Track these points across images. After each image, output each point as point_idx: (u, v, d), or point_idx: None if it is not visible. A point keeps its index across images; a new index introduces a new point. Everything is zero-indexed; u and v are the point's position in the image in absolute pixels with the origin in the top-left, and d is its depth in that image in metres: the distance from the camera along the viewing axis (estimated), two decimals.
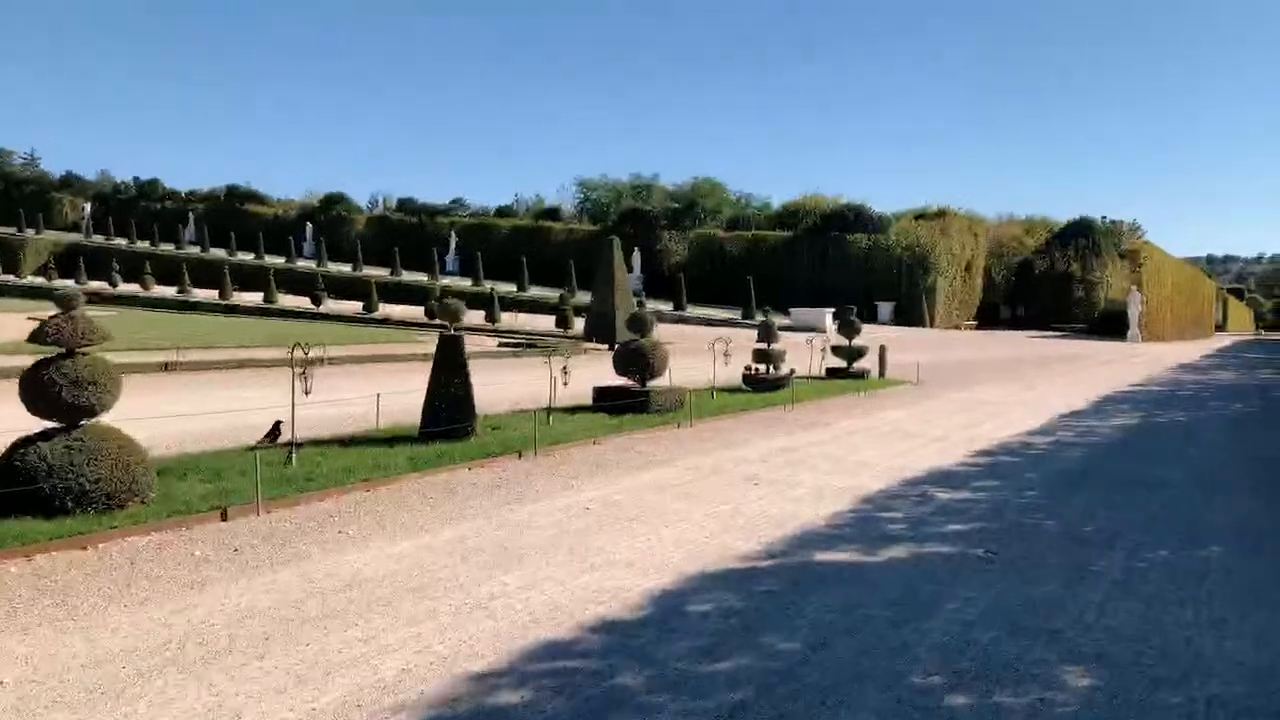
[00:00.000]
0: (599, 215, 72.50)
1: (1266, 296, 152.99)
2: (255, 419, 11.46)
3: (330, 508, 8.13)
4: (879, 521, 8.12)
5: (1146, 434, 14.19)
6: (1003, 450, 12.29)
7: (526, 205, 77.78)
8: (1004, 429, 14.38)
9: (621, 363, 14.37)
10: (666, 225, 66.72)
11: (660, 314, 52.35)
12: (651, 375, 14.33)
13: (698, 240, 65.12)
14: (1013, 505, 8.91)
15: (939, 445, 12.55)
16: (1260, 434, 15.03)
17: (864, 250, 60.18)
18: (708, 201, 70.37)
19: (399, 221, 74.39)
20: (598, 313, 30.34)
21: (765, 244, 63.07)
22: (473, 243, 66.78)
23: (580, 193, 78.13)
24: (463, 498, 8.60)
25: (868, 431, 13.71)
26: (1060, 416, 16.09)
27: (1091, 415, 16.39)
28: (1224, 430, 15.17)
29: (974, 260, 66.22)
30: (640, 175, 75.72)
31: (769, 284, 57.94)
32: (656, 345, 14.44)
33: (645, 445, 11.83)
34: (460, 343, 11.09)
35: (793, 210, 66.88)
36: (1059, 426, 14.80)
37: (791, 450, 11.82)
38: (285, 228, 73.65)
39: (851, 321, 21.30)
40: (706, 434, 13.02)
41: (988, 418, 15.73)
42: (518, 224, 71.01)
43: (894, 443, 12.69)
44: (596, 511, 8.18)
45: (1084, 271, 66.87)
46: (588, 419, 13.35)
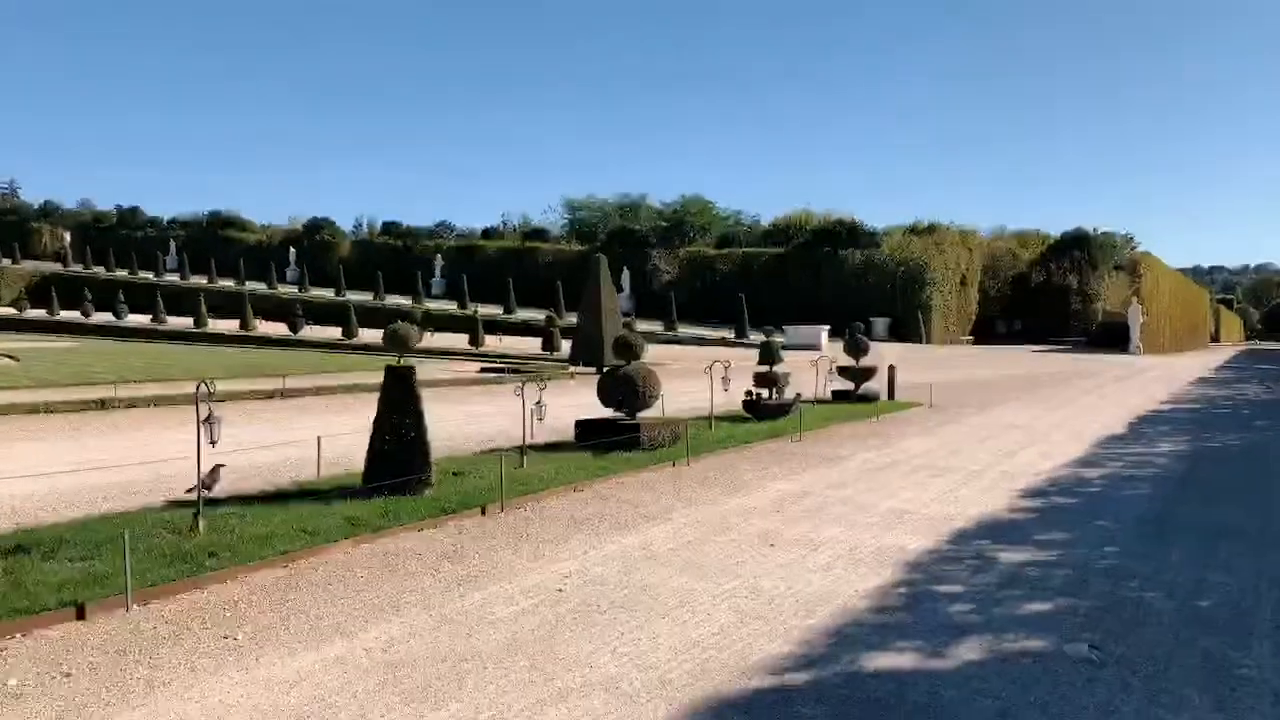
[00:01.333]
0: (587, 235, 70.85)
1: (1255, 306, 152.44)
2: (193, 465, 9.56)
3: (230, 595, 6.21)
4: (936, 600, 6.25)
5: (1209, 463, 12.38)
6: (1054, 488, 10.45)
7: (513, 226, 76.06)
8: (1044, 459, 12.56)
9: (607, 392, 12.50)
10: (656, 244, 65.06)
11: (651, 334, 50.56)
12: (642, 405, 12.46)
13: (688, 259, 63.48)
14: (1097, 569, 7.05)
15: (978, 483, 10.70)
16: None
17: (857, 266, 58.59)
18: (697, 219, 68.81)
19: (383, 245, 72.55)
20: (584, 335, 28.48)
21: (756, 261, 61.44)
22: (459, 265, 64.97)
23: (567, 213, 76.59)
24: (403, 576, 6.69)
25: (892, 467, 11.86)
26: (1100, 442, 14.27)
27: (1135, 440, 14.58)
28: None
29: (968, 274, 64.70)
30: (628, 194, 74.33)
31: (761, 302, 56.26)
32: (647, 372, 12.58)
33: (636, 492, 9.94)
34: (410, 377, 9.21)
35: (783, 226, 65.36)
36: (1105, 455, 12.98)
37: (808, 494, 9.95)
38: (269, 254, 71.74)
39: (858, 340, 19.50)
40: (707, 474, 11.14)
41: (1020, 445, 13.90)
42: (504, 245, 69.26)
43: (925, 481, 10.83)
44: (572, 594, 6.29)
45: (1081, 284, 65.37)
46: (568, 459, 11.46)
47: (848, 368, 19.37)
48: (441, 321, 48.22)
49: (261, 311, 49.75)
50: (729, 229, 68.63)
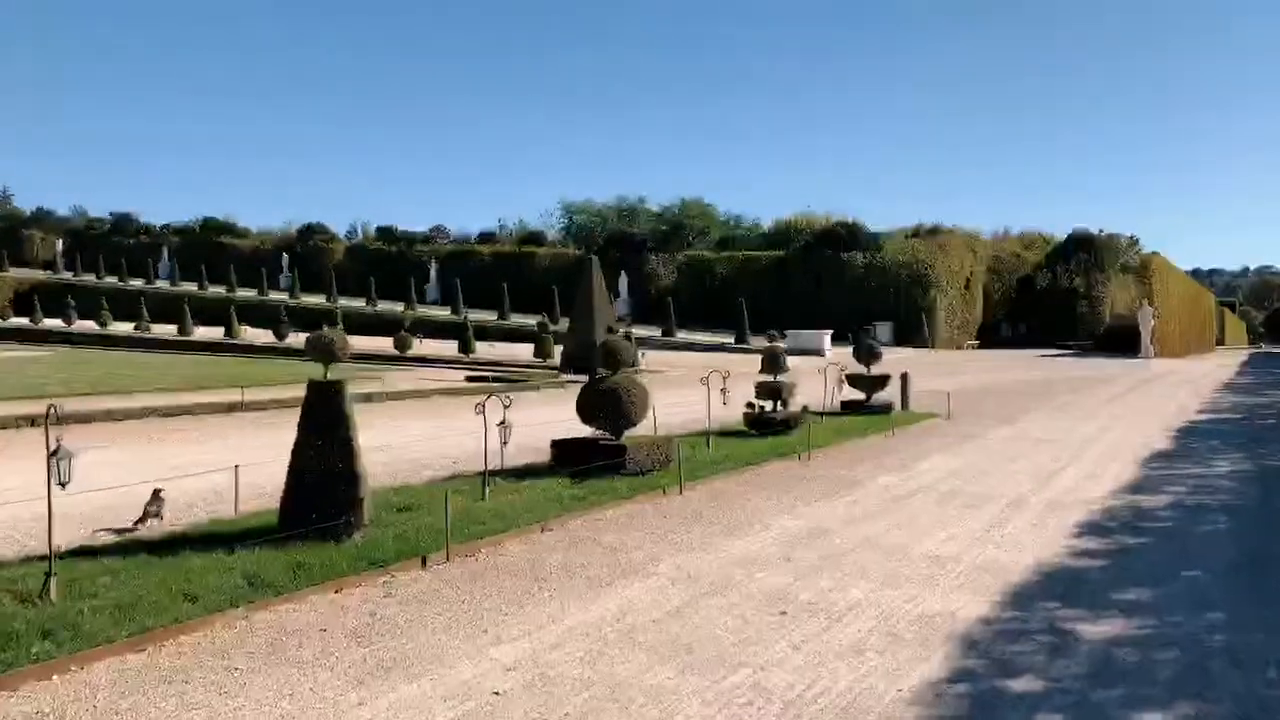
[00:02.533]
0: (584, 239, 69.15)
1: (1257, 309, 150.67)
2: (140, 492, 7.89)
3: (38, 707, 4.49)
4: (1011, 708, 4.51)
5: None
6: (1115, 523, 8.71)
7: (510, 231, 74.35)
8: (1090, 482, 10.83)
9: (588, 408, 10.76)
10: (654, 248, 63.37)
11: (649, 340, 48.85)
12: (628, 423, 10.72)
13: (686, 262, 61.77)
14: (1212, 648, 5.32)
15: (1022, 516, 8.97)
16: None
17: (860, 269, 56.89)
18: (696, 222, 67.13)
19: (378, 250, 70.83)
20: (576, 341, 26.78)
21: (756, 265, 59.73)
22: (454, 270, 63.25)
23: (565, 217, 74.87)
24: (290, 667, 4.96)
25: (917, 495, 10.12)
26: (1147, 461, 12.53)
27: (1185, 458, 12.84)
28: None
29: (973, 277, 63.01)
30: (626, 197, 72.52)
31: (762, 306, 54.52)
32: (633, 384, 10.83)
33: (616, 532, 8.20)
34: (338, 394, 7.46)
35: (784, 229, 63.66)
36: (1158, 478, 11.24)
37: (823, 533, 8.21)
38: (263, 260, 70.10)
39: (870, 346, 17.77)
40: (702, 506, 9.42)
41: (1058, 465, 12.17)
42: (500, 250, 67.53)
43: (959, 514, 9.10)
44: (511, 702, 4.55)
45: (1087, 286, 63.60)
46: (541, 488, 9.73)
47: (858, 376, 17.63)
48: (432, 327, 46.59)
49: (249, 318, 48.14)
50: (729, 232, 66.97)
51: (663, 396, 20.86)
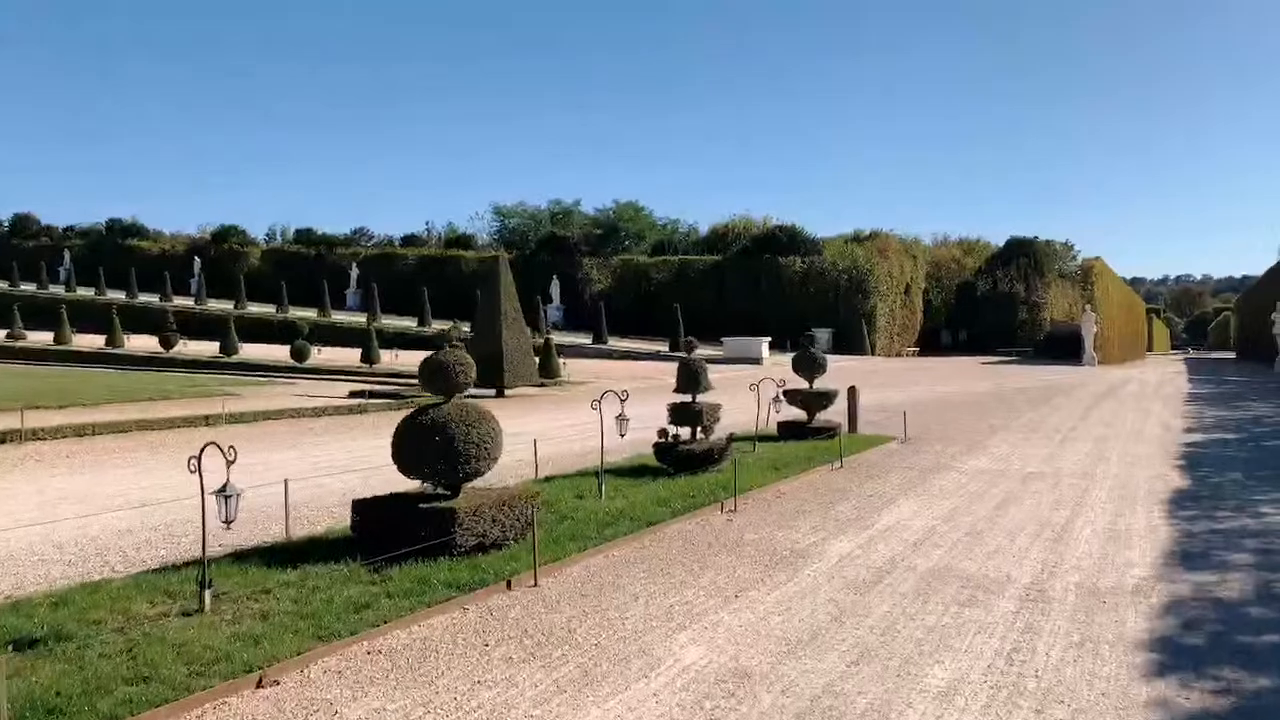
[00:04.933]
0: (516, 243, 65.30)
1: (1179, 315, 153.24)
2: None
3: None
4: None
5: None
6: (1198, 635, 5.48)
7: (437, 234, 70.10)
8: (1117, 546, 7.64)
9: (406, 451, 7.17)
10: (588, 252, 59.88)
11: (579, 348, 45.31)
12: (467, 471, 7.19)
13: (621, 267, 58.37)
14: None
15: (1054, 625, 5.69)
16: None
17: (799, 274, 54.16)
18: (631, 226, 63.76)
19: (295, 254, 65.95)
20: (479, 351, 23.04)
21: (693, 269, 56.61)
22: (376, 274, 58.95)
23: (496, 220, 70.79)
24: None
25: (889, 576, 6.78)
26: (1174, 506, 9.43)
27: (1216, 500, 9.77)
28: None
29: (912, 283, 60.83)
30: (560, 201, 68.69)
31: (699, 312, 51.43)
32: (477, 416, 7.28)
33: (396, 690, 4.68)
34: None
35: (721, 233, 60.63)
36: (1204, 536, 8.11)
37: (746, 680, 4.81)
38: (174, 264, 64.79)
39: (813, 357, 14.49)
40: (560, 613, 5.97)
41: (1062, 517, 8.99)
42: (425, 253, 63.27)
43: (958, 624, 5.77)
44: None
45: (1027, 292, 61.89)
46: (313, 581, 6.20)
47: (799, 392, 14.37)
48: (341, 335, 42.45)
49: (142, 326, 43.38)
50: (665, 236, 63.73)
51: (567, 417, 17.34)
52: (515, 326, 23.20)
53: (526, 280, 56.05)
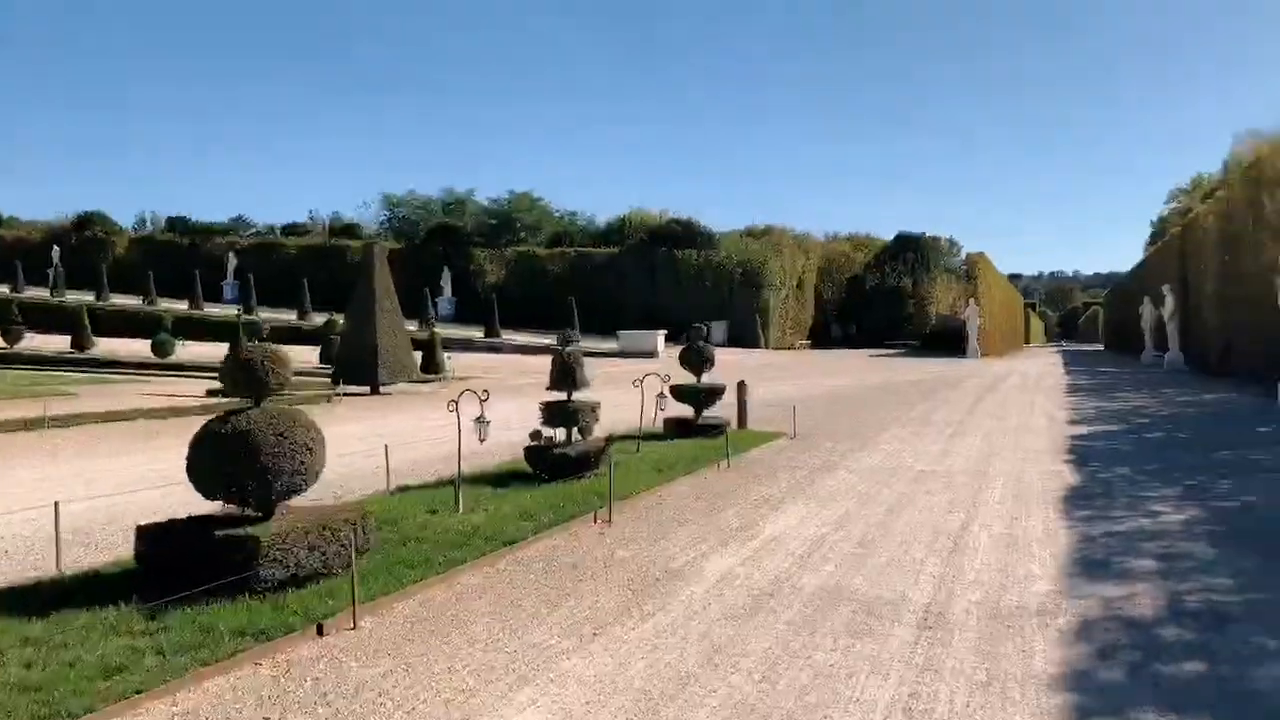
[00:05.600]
0: (407, 233, 62.82)
1: (1054, 310, 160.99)
2: None
3: None
4: None
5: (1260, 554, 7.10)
6: (1117, 668, 4.77)
7: (322, 223, 66.82)
8: (1015, 554, 7.01)
9: (204, 466, 5.91)
10: (482, 243, 58.08)
11: (470, 342, 43.68)
12: (286, 487, 5.97)
13: (516, 259, 56.82)
14: None
15: (956, 660, 4.91)
16: None
17: (695, 267, 53.84)
18: (527, 217, 62.13)
19: (168, 242, 61.71)
20: (352, 345, 21.46)
21: (590, 262, 55.60)
22: (256, 265, 55.69)
23: (386, 209, 67.99)
24: None
25: (775, 598, 5.92)
26: (1068, 506, 8.95)
27: (1109, 499, 9.34)
28: None
29: (805, 277, 61.38)
30: (453, 190, 66.36)
31: (596, 305, 50.51)
32: (293, 422, 6.07)
33: None
34: None
35: (618, 226, 59.77)
36: (1102, 542, 7.57)
37: None
38: (30, 253, 59.65)
39: (700, 350, 13.65)
40: (389, 658, 4.89)
41: (960, 517, 8.37)
42: (309, 243, 60.15)
43: (848, 658, 4.93)
44: None
45: (914, 287, 63.35)
46: (66, 634, 4.91)
47: (685, 387, 13.53)
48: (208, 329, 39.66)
49: None
50: (562, 228, 62.41)
51: (443, 416, 16.15)
52: (391, 320, 21.67)
53: (416, 272, 53.92)
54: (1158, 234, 62.70)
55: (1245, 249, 25.12)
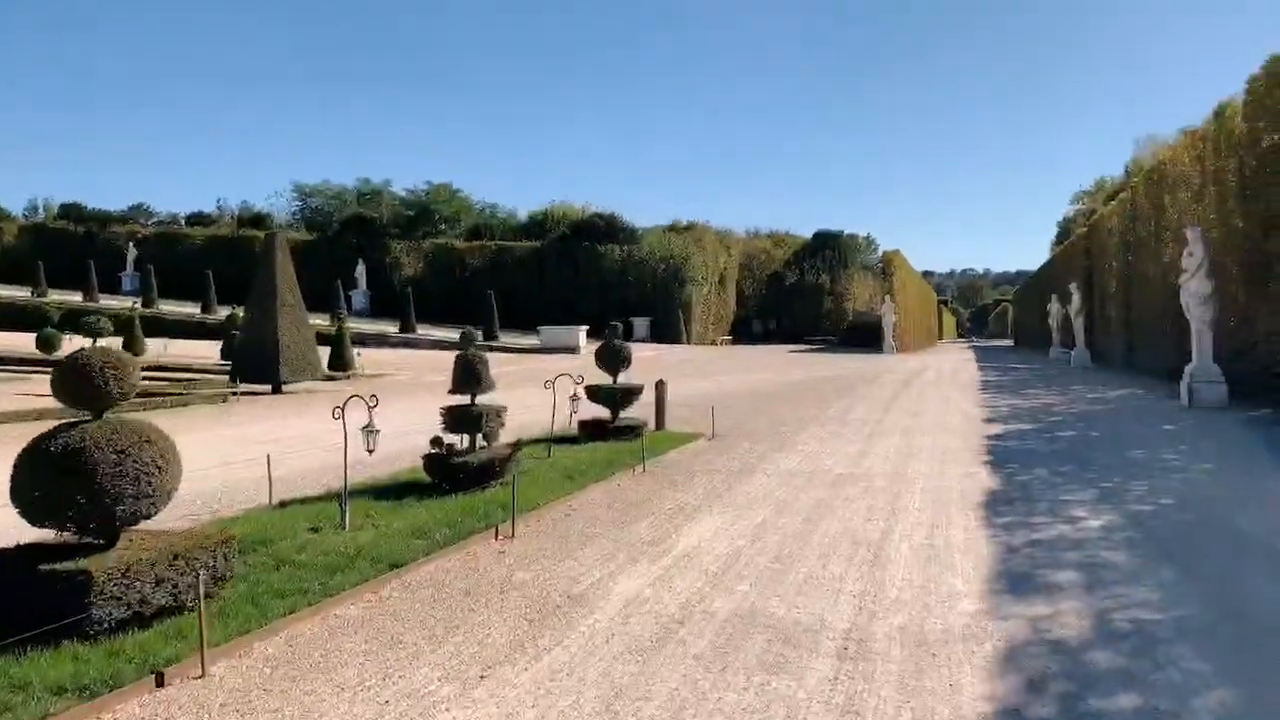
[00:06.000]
0: (320, 224, 60.63)
1: (965, 306, 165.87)
2: None
3: None
4: None
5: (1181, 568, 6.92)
6: (1044, 699, 4.38)
7: (230, 213, 64.01)
8: (938, 568, 6.67)
9: (34, 493, 5.07)
10: (398, 235, 56.41)
11: (384, 337, 42.26)
12: (130, 512, 5.19)
13: (434, 252, 55.37)
14: None
15: (877, 691, 4.46)
16: None
17: (618, 262, 53.34)
18: (446, 209, 60.63)
19: (62, 231, 58.27)
20: (252, 340, 20.25)
21: (511, 255, 54.56)
22: (158, 256, 52.98)
23: (298, 199, 65.53)
24: None
25: (685, 627, 5.40)
26: (989, 512, 8.70)
27: (1029, 503, 9.14)
28: None
29: (726, 274, 61.51)
30: (369, 180, 64.24)
31: (516, 299, 49.59)
32: (142, 439, 5.27)
33: None
34: None
35: (540, 219, 58.80)
36: (1025, 553, 7.29)
37: None
38: None
39: (616, 349, 13.10)
40: (235, 714, 4.15)
41: (880, 526, 8.02)
42: (215, 233, 57.54)
43: (763, 698, 4.44)
44: None
45: (833, 283, 64.11)
46: None
47: (600, 388, 12.97)
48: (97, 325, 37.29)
49: None
50: (482, 221, 61.10)
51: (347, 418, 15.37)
52: (294, 313, 20.52)
53: (329, 264, 52.07)
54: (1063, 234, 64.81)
55: (1147, 249, 25.84)
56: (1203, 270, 17.74)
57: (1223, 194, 19.39)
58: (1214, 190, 19.99)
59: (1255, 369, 17.49)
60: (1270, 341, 17.09)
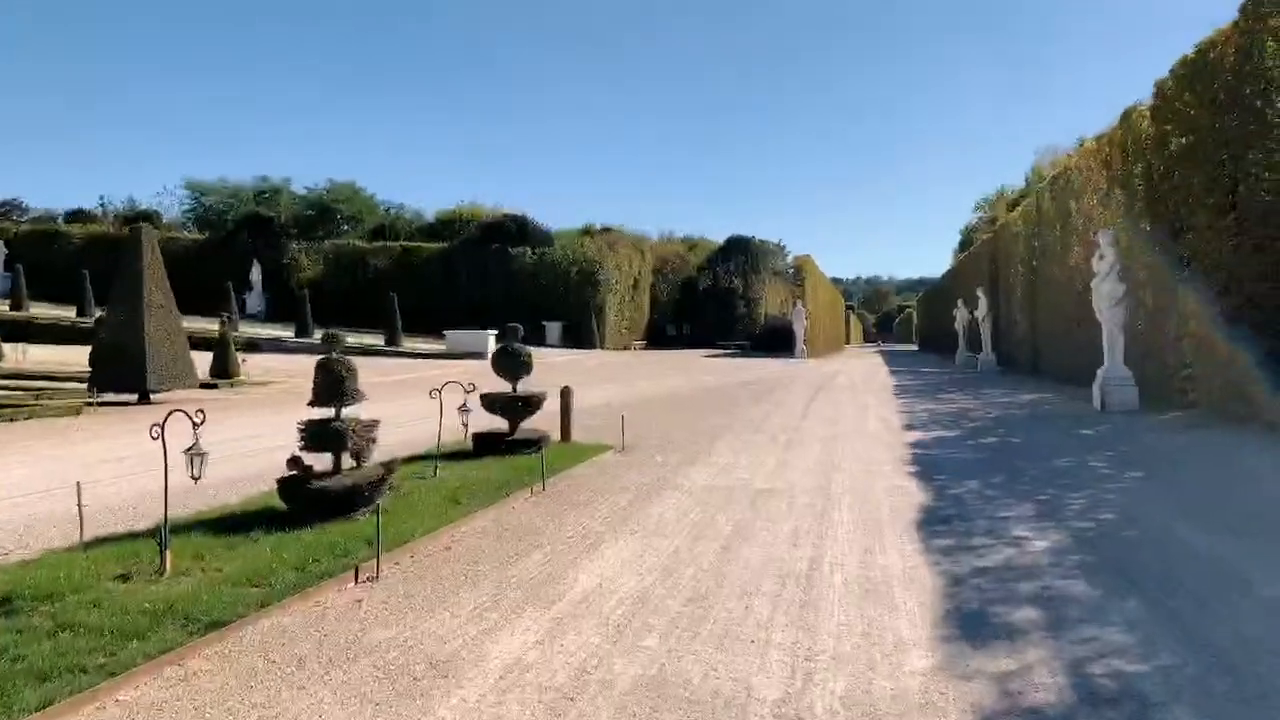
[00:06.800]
0: (213, 223, 57.19)
1: (870, 312, 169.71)
2: None
3: None
4: None
5: (1147, 603, 6.10)
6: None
7: (114, 210, 59.86)
8: (876, 607, 5.65)
9: None
10: (297, 235, 53.62)
11: (279, 341, 39.75)
12: None
13: (335, 253, 52.81)
14: None
15: None
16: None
17: (530, 265, 51.83)
18: (348, 208, 58.03)
19: None
20: (114, 345, 18.12)
21: (417, 257, 52.44)
22: (33, 255, 48.98)
23: (191, 196, 61.70)
24: None
25: (567, 693, 4.20)
26: (925, 533, 7.77)
27: (966, 521, 8.25)
28: None
29: (640, 278, 60.69)
30: (267, 178, 60.97)
31: (424, 303, 47.63)
32: None
33: None
34: None
35: (448, 220, 56.82)
36: (972, 583, 6.35)
37: None
38: None
39: (515, 353, 11.77)
40: None
41: (806, 553, 6.98)
42: (96, 231, 53.63)
43: None
44: None
45: (745, 288, 64.01)
46: None
47: (498, 396, 11.65)
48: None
49: None
50: (387, 221, 58.67)
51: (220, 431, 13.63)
52: (163, 315, 18.48)
53: (223, 265, 49.04)
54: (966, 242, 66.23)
55: (1053, 254, 25.91)
56: (1114, 273, 17.53)
57: (1130, 198, 19.30)
58: (1121, 194, 19.92)
59: (1164, 372, 17.34)
60: (1178, 345, 16.95)
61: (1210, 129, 15.25)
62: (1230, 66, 14.47)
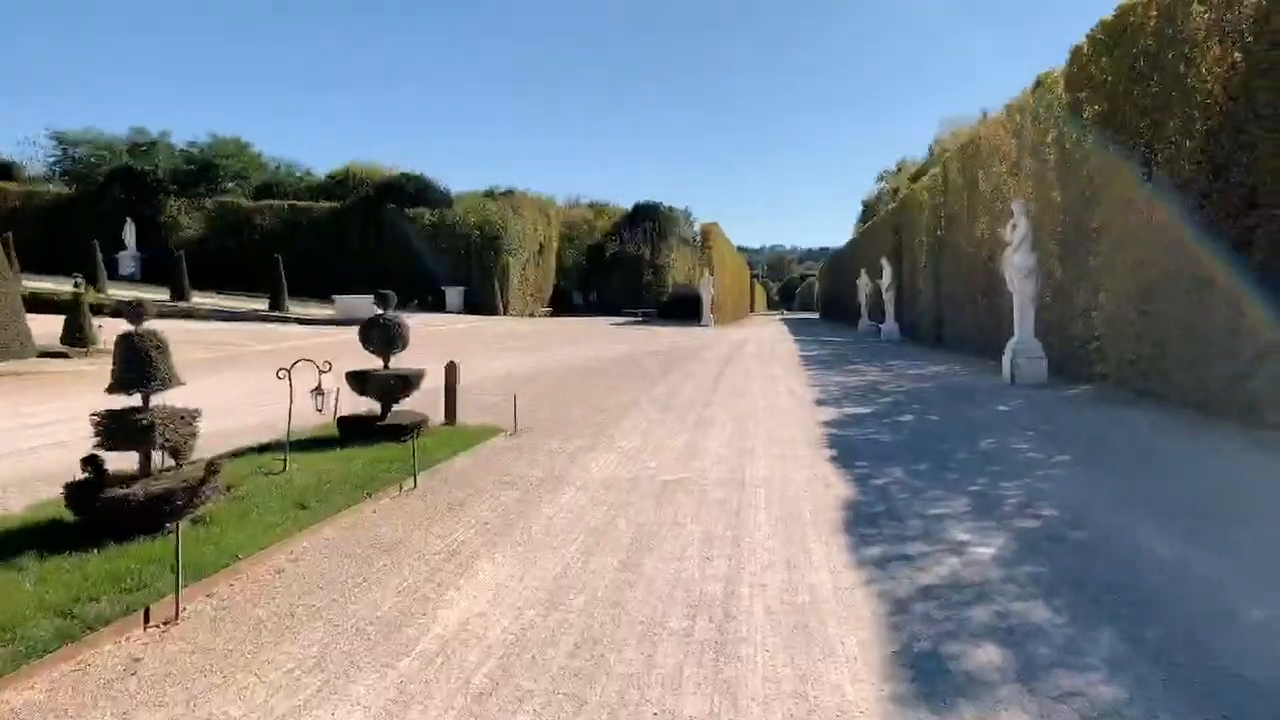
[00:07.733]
0: (83, 176, 52.31)
1: (774, 280, 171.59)
2: None
3: None
4: None
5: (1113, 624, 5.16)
6: None
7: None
8: (804, 645, 4.50)
9: None
10: (176, 191, 49.54)
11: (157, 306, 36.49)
12: None
13: (218, 211, 49.05)
14: None
15: None
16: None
17: (428, 227, 49.28)
18: (232, 165, 53.93)
19: None
20: None
21: (307, 217, 49.21)
22: None
23: (58, 148, 56.28)
24: None
25: None
26: (857, 536, 6.70)
27: (899, 522, 7.23)
28: None
29: (546, 243, 58.73)
30: (144, 130, 55.99)
31: (313, 265, 44.78)
32: None
33: None
34: None
35: (340, 179, 53.51)
36: (919, 608, 5.29)
37: None
38: None
39: (388, 327, 10.17)
40: None
41: (721, 566, 5.80)
42: None
43: None
44: None
45: (653, 255, 62.86)
46: None
47: (367, 375, 10.05)
48: None
49: None
50: (274, 179, 54.89)
51: (57, 410, 11.78)
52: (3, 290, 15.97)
53: (93, 222, 44.85)
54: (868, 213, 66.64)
55: (959, 224, 25.53)
56: (1026, 243, 16.97)
57: (1041, 167, 18.81)
58: (1031, 163, 19.43)
59: (1073, 344, 16.97)
60: (1087, 317, 16.57)
61: (1128, 95, 14.68)
62: (1152, 30, 13.85)
